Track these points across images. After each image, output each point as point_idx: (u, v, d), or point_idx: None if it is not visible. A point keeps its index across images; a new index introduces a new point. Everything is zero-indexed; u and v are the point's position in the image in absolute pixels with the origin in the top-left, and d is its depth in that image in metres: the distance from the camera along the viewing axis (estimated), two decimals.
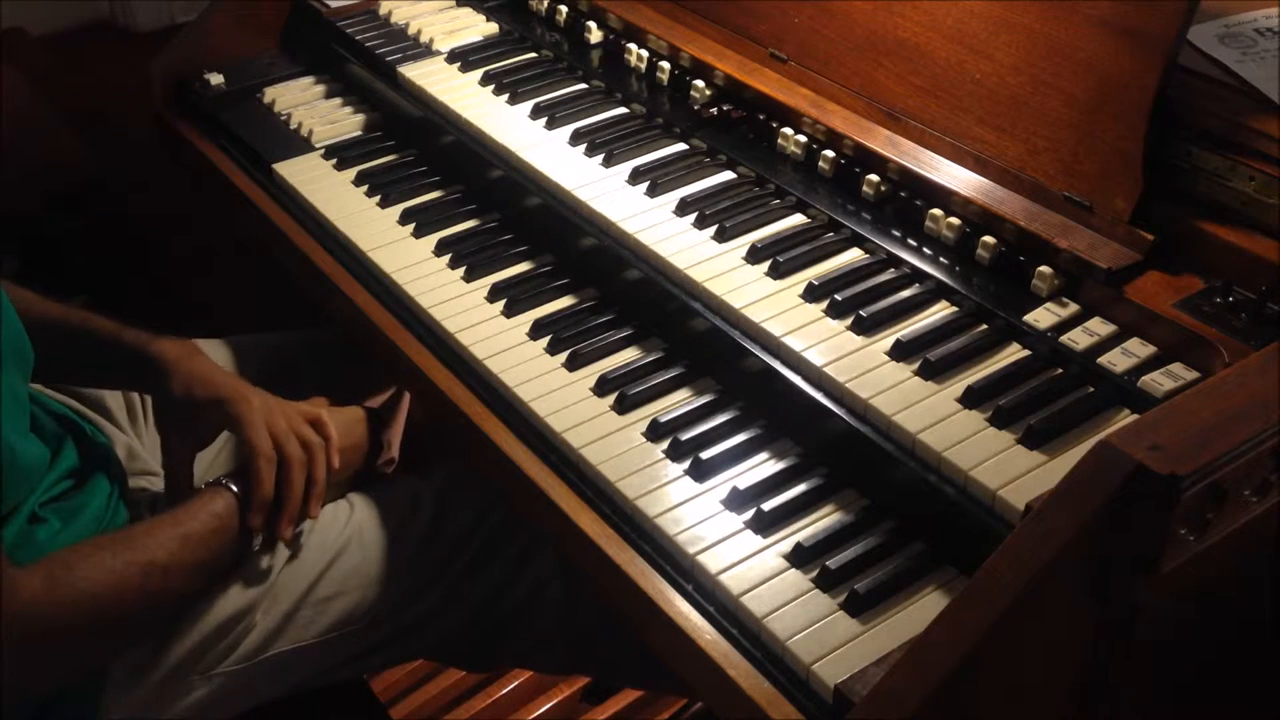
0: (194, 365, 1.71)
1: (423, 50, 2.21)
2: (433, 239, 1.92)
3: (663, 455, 1.53)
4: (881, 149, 1.72)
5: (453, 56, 2.18)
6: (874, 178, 1.72)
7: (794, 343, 1.54)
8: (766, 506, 1.43)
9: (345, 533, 1.73)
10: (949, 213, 1.64)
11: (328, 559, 1.70)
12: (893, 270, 1.64)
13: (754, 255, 1.68)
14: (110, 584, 1.44)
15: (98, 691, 1.56)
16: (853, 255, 1.68)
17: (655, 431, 1.55)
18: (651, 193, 1.82)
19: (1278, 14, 1.69)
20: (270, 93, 2.32)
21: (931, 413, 1.43)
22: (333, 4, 2.38)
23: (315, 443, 1.68)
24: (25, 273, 2.58)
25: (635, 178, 1.84)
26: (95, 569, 1.43)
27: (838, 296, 1.58)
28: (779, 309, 1.60)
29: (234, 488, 1.60)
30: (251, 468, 1.61)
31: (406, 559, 1.74)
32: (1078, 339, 1.47)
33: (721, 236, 1.72)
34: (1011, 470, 1.34)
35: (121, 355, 1.73)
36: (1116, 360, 1.43)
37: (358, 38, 2.27)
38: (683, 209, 1.77)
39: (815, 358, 1.52)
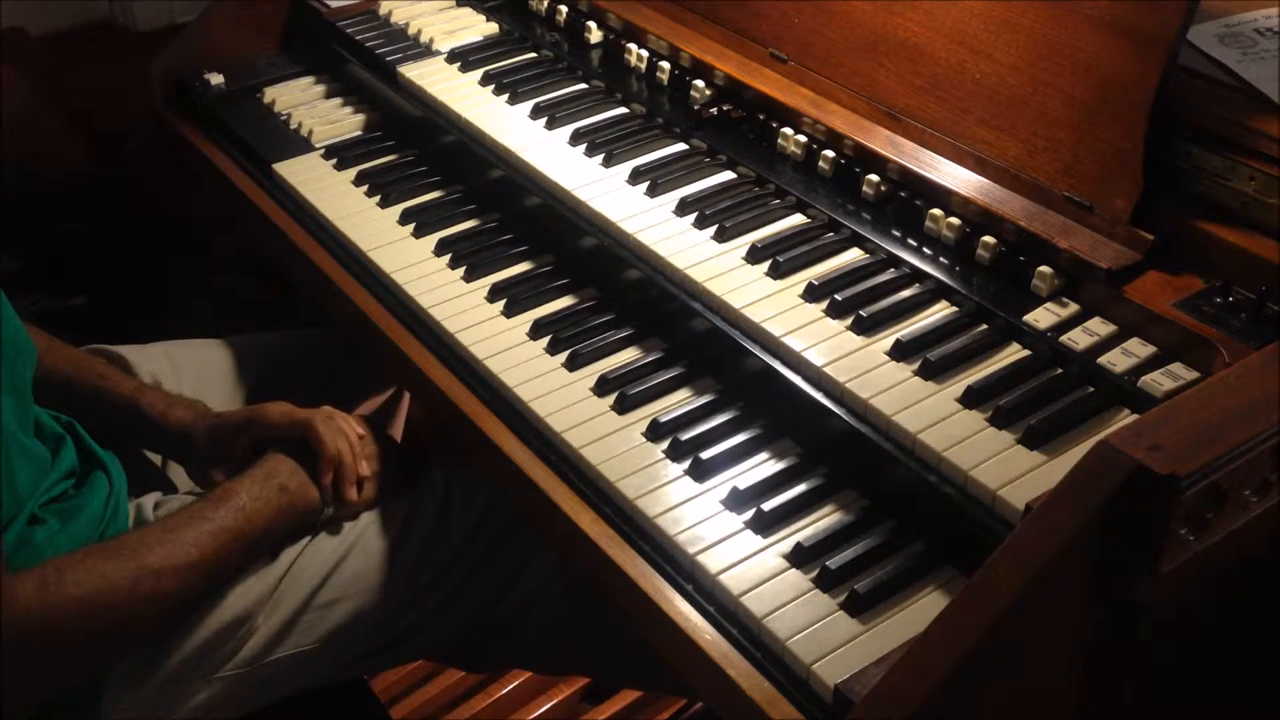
0: (210, 421, 1.78)
1: (423, 50, 2.21)
2: (433, 239, 1.92)
3: (663, 455, 1.53)
4: (881, 149, 1.72)
5: (453, 56, 2.18)
6: (874, 178, 1.72)
7: (794, 343, 1.54)
8: (766, 506, 1.43)
9: (348, 539, 1.73)
10: (949, 213, 1.64)
11: (331, 565, 1.70)
12: (893, 270, 1.64)
13: (754, 255, 1.68)
14: (101, 589, 1.44)
15: (98, 693, 1.56)
16: (853, 255, 1.68)
17: (655, 431, 1.55)
18: (651, 193, 1.82)
19: (1278, 14, 1.69)
20: (270, 93, 2.32)
21: (931, 413, 1.43)
22: (333, 4, 2.38)
23: (343, 416, 1.77)
24: (25, 273, 2.57)
25: (635, 178, 1.84)
26: (86, 574, 1.43)
27: (838, 296, 1.58)
28: (779, 309, 1.60)
29: (226, 492, 1.61)
30: (313, 436, 1.69)
31: (409, 564, 1.74)
32: (1078, 339, 1.46)
33: (721, 236, 1.72)
34: (1011, 470, 1.34)
35: (138, 425, 1.79)
36: (1116, 360, 1.43)
37: (358, 38, 2.27)
38: (683, 209, 1.77)
39: (815, 358, 1.52)
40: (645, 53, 2.05)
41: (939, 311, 1.58)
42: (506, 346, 1.71)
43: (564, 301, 1.80)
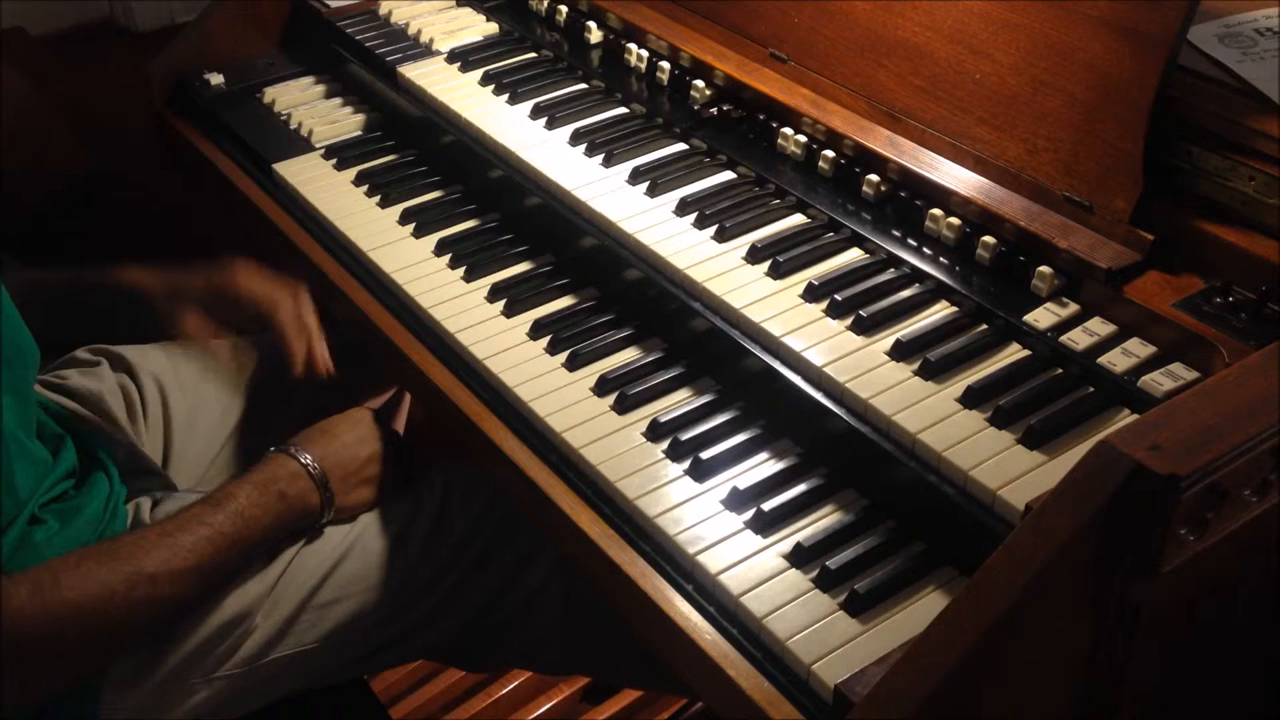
0: (169, 275, 1.84)
1: (423, 50, 2.21)
2: (433, 239, 1.92)
3: (663, 455, 1.53)
4: (881, 149, 1.72)
5: (453, 56, 2.18)
6: (874, 178, 1.72)
7: (794, 343, 1.54)
8: (766, 506, 1.43)
9: (347, 538, 1.73)
10: (949, 213, 1.64)
11: (329, 564, 1.70)
12: (893, 270, 1.64)
13: (754, 255, 1.68)
14: (96, 593, 1.43)
15: (96, 694, 1.56)
16: (853, 255, 1.68)
17: (655, 431, 1.55)
18: (651, 193, 1.82)
19: (1278, 14, 1.69)
20: (270, 93, 2.32)
21: (931, 413, 1.43)
22: (333, 4, 2.38)
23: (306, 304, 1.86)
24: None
25: (635, 178, 1.84)
26: (81, 578, 1.43)
27: (838, 296, 1.58)
28: (779, 309, 1.60)
29: (225, 496, 1.61)
30: (276, 329, 1.80)
31: (408, 564, 1.74)
32: (1078, 339, 1.47)
33: (721, 236, 1.72)
34: (1011, 470, 1.34)
35: (79, 293, 1.83)
36: (1116, 360, 1.43)
37: (358, 38, 2.27)
38: (683, 209, 1.77)
39: (815, 358, 1.52)
40: (645, 53, 2.05)
41: (939, 311, 1.58)
42: (506, 346, 1.71)
43: (564, 301, 1.80)
